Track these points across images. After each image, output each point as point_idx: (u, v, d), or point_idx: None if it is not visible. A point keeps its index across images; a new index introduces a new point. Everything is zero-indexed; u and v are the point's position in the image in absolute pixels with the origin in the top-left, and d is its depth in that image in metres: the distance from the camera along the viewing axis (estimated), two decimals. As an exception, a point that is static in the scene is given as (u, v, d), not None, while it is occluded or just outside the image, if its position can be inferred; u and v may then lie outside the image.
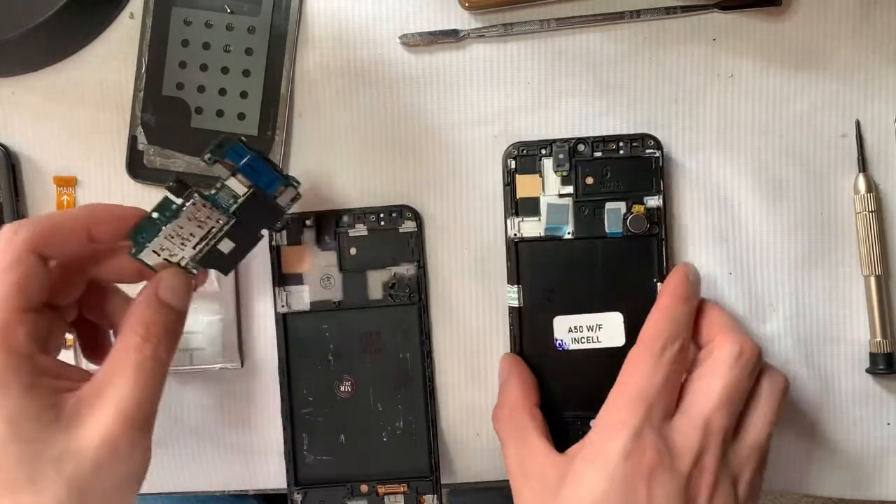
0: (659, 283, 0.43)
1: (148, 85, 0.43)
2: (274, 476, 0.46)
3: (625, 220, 0.43)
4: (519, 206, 0.43)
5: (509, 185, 0.43)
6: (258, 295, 0.45)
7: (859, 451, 0.44)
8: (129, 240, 0.36)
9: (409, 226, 0.44)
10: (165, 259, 0.36)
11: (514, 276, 0.43)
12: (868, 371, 0.44)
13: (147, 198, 0.44)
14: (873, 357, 0.43)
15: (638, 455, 0.35)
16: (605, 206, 0.43)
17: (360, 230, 0.44)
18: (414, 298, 0.44)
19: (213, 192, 0.36)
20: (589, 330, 0.43)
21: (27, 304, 0.33)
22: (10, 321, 0.32)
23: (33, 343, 0.33)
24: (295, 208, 0.44)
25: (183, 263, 0.37)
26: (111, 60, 0.44)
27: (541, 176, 0.43)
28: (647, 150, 0.43)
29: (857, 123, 0.43)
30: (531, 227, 0.43)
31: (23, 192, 0.45)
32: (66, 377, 0.34)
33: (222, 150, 0.36)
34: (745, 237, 0.44)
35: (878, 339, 0.43)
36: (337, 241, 0.44)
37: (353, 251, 0.44)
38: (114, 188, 0.44)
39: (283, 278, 0.44)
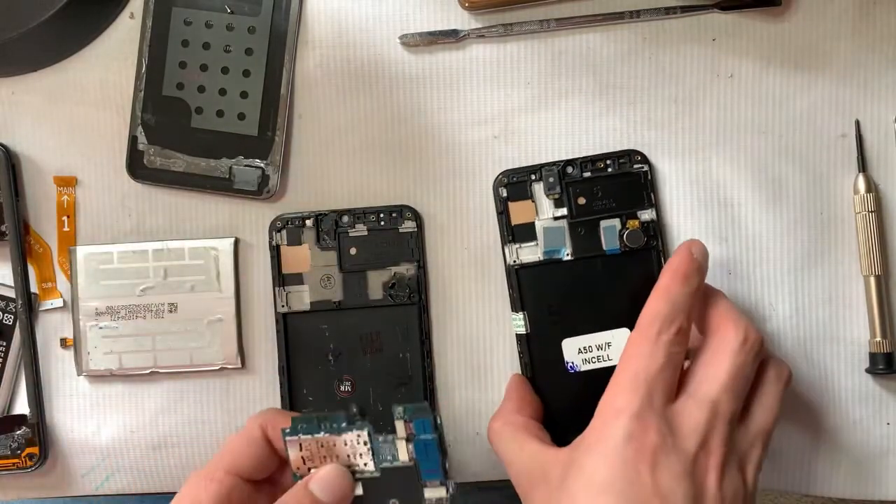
0: None
1: (148, 85, 0.43)
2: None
3: (621, 235, 0.43)
4: (515, 233, 0.43)
5: (503, 213, 0.43)
6: (258, 295, 0.45)
7: (859, 451, 0.44)
8: (291, 420, 0.36)
9: (409, 226, 0.44)
10: (303, 460, 0.37)
11: (518, 303, 0.43)
12: (868, 371, 0.44)
13: (147, 197, 0.44)
14: (873, 357, 0.43)
15: (640, 438, 0.34)
16: (600, 225, 0.43)
17: (360, 230, 0.44)
18: (414, 298, 0.44)
19: (380, 439, 0.36)
20: (598, 349, 0.42)
21: (233, 469, 0.37)
22: (212, 476, 0.36)
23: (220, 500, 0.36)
24: (295, 208, 0.44)
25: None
26: (111, 60, 0.44)
27: (533, 201, 0.43)
28: (635, 166, 0.43)
29: (857, 123, 0.43)
30: (529, 253, 0.43)
31: (23, 192, 0.45)
32: None
33: (415, 414, 0.36)
34: (745, 237, 0.44)
35: (878, 339, 0.43)
36: (337, 241, 0.44)
37: (353, 251, 0.44)
38: (114, 188, 0.44)
39: (283, 278, 0.44)
